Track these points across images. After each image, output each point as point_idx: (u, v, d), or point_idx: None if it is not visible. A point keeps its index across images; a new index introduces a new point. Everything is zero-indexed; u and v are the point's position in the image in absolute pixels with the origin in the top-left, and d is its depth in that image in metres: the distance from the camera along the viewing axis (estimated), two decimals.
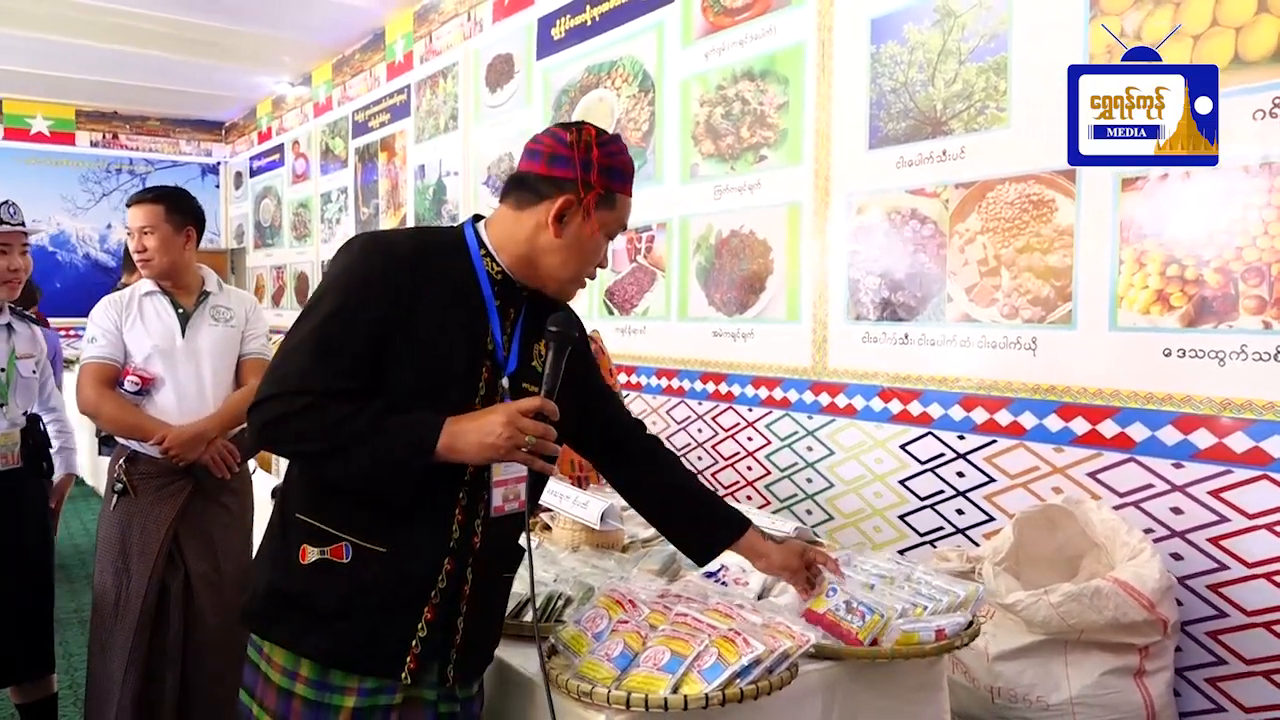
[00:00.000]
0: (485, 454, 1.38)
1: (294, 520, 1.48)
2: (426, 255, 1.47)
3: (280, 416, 1.39)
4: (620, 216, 1.53)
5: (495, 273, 1.51)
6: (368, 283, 1.43)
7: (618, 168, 1.49)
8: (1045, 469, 2.98)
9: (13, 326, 2.70)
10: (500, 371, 1.50)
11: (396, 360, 1.42)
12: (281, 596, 1.47)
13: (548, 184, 1.47)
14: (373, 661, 1.46)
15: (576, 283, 1.55)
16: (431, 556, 1.47)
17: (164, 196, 2.72)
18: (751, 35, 4.04)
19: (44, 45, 8.17)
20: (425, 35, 6.88)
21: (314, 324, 1.42)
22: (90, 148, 10.80)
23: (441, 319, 1.45)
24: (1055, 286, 2.92)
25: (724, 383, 4.24)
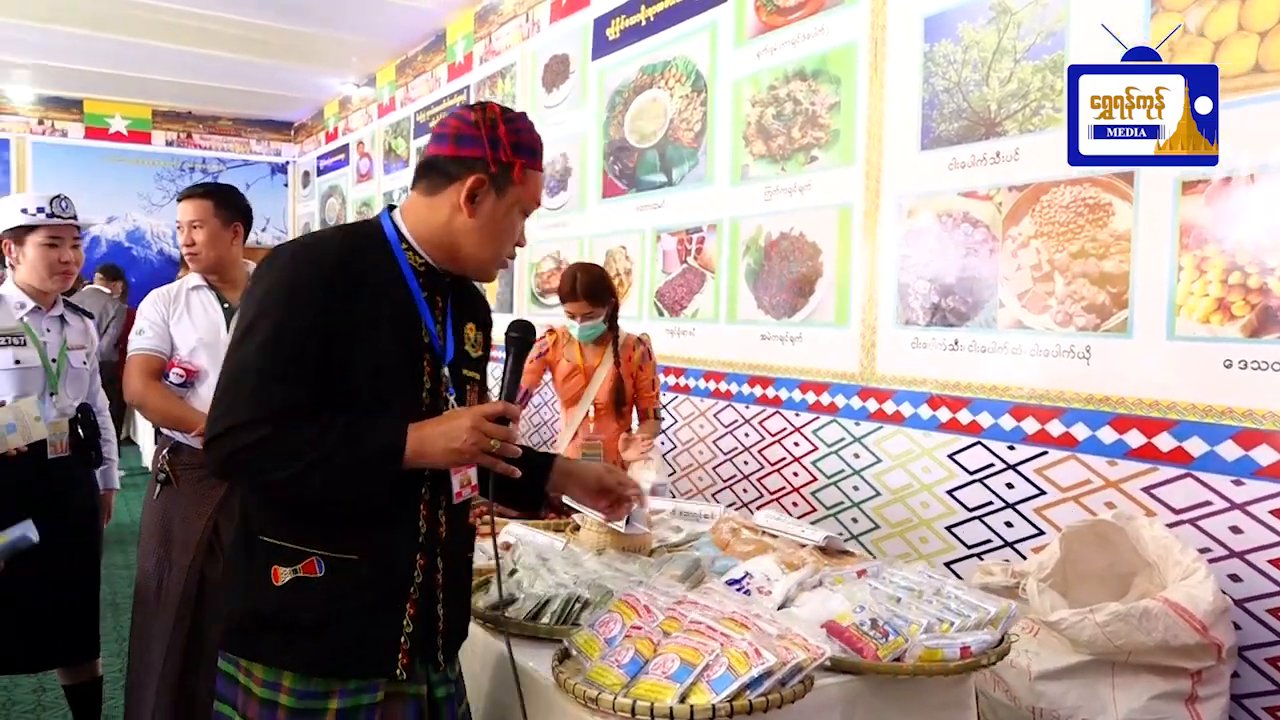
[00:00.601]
0: (451, 458, 1.41)
1: (259, 543, 1.46)
2: (353, 256, 1.45)
3: (242, 449, 1.37)
4: (532, 192, 1.52)
5: (419, 265, 1.52)
6: (301, 295, 1.40)
7: (525, 144, 1.50)
8: (1098, 482, 2.87)
9: (65, 319, 2.78)
10: (440, 362, 1.52)
11: (341, 366, 1.41)
12: (261, 619, 1.45)
13: (457, 165, 1.47)
14: (365, 665, 1.46)
15: (496, 263, 1.55)
16: (405, 555, 1.48)
17: (213, 192, 2.77)
18: (804, 35, 3.98)
19: (123, 47, 8.44)
20: (485, 36, 6.94)
21: (256, 346, 1.39)
22: (165, 146, 11.13)
23: (377, 318, 1.45)
24: (1111, 293, 2.82)
25: (772, 386, 4.19)
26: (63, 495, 2.69)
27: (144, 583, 2.67)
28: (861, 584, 1.79)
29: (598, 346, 3.37)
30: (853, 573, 1.89)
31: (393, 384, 1.46)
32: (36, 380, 2.65)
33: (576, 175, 5.70)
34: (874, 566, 1.92)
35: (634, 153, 5.13)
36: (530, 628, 1.73)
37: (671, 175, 4.82)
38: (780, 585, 1.80)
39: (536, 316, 6.12)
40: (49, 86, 10.32)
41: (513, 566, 1.95)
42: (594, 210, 5.53)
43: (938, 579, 1.86)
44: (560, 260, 5.89)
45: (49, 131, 10.58)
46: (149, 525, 2.67)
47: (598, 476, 1.76)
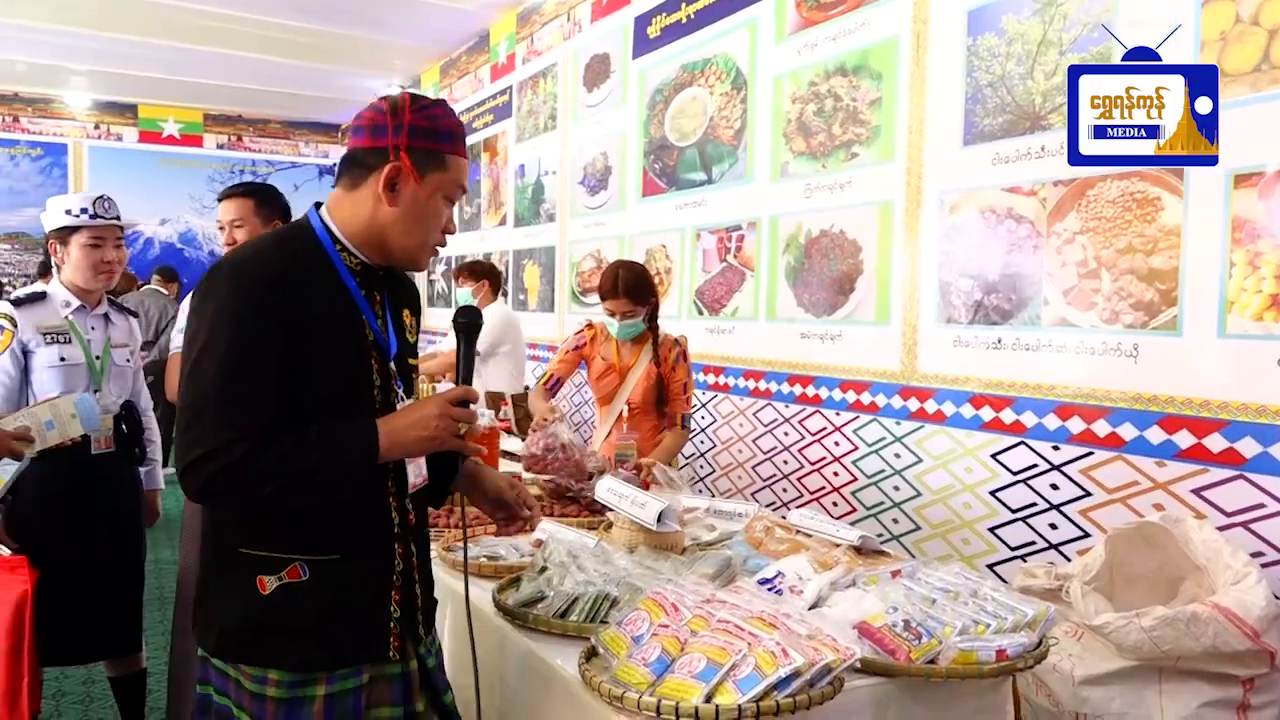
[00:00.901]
0: (425, 445, 1.48)
1: (238, 555, 1.48)
2: (293, 268, 1.47)
3: (221, 472, 1.38)
4: (455, 178, 1.53)
5: (355, 265, 1.54)
6: (252, 314, 1.41)
7: (441, 129, 1.50)
8: (1146, 484, 2.80)
9: (110, 317, 2.84)
10: (386, 358, 1.56)
11: (298, 376, 1.43)
12: (252, 629, 1.47)
13: (374, 155, 1.48)
14: (360, 655, 1.51)
15: (424, 250, 1.56)
16: (382, 547, 1.54)
17: (253, 191, 2.81)
18: (845, 30, 3.93)
19: (176, 53, 8.62)
20: (527, 37, 6.97)
21: (216, 370, 1.39)
22: (216, 149, 11.34)
23: (324, 325, 1.47)
24: (1160, 290, 2.74)
25: (811, 385, 4.15)
26: (106, 491, 2.74)
27: (185, 578, 2.71)
28: (895, 584, 1.76)
29: (635, 345, 3.36)
30: (887, 573, 1.85)
31: (348, 387, 1.50)
32: (81, 377, 2.70)
33: (616, 174, 5.70)
34: (909, 567, 1.88)
35: (674, 151, 5.12)
36: (558, 625, 1.73)
37: (711, 173, 4.80)
38: (812, 585, 1.77)
39: (577, 315, 6.14)
40: (104, 92, 10.57)
41: (542, 564, 1.94)
42: (634, 209, 5.52)
43: (974, 580, 1.82)
44: (600, 259, 5.89)
45: (104, 136, 10.84)
46: (190, 521, 2.72)
47: (498, 489, 1.79)
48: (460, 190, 1.56)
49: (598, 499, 2.26)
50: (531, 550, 2.26)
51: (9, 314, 2.64)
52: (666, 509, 2.07)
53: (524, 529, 1.85)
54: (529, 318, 6.78)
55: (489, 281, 5.04)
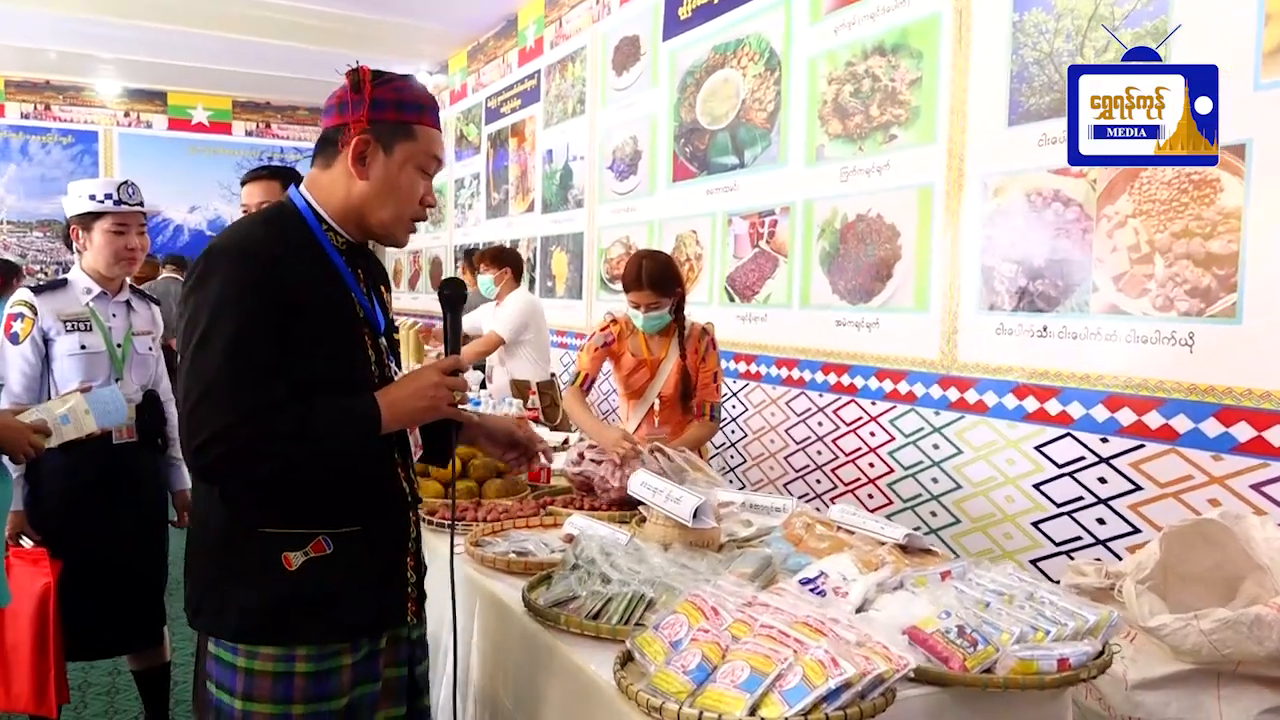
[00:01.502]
0: (424, 415, 1.53)
1: (257, 536, 1.49)
2: (283, 247, 1.48)
3: (228, 454, 1.40)
4: (426, 148, 1.54)
5: (340, 244, 1.56)
6: (252, 295, 1.43)
7: (407, 100, 1.52)
8: (1201, 478, 2.68)
9: (132, 304, 2.78)
10: (376, 333, 1.59)
11: (299, 356, 1.46)
12: (277, 607, 1.49)
13: (342, 131, 1.51)
14: (383, 622, 1.58)
15: (402, 223, 1.57)
16: (399, 515, 1.60)
17: (280, 173, 2.75)
18: (883, 8, 3.81)
19: (205, 40, 8.60)
20: (555, 20, 6.88)
21: (221, 351, 1.41)
22: (245, 136, 11.35)
23: (318, 304, 1.50)
24: (1217, 276, 2.62)
25: (846, 374, 4.04)
26: (129, 482, 2.70)
27: None
28: (946, 587, 1.67)
29: (663, 337, 3.24)
30: (936, 574, 1.76)
31: (346, 364, 1.53)
32: (102, 366, 2.65)
33: (646, 158, 5.60)
34: (959, 567, 1.79)
35: (705, 134, 5.01)
36: (591, 627, 1.65)
37: (743, 157, 4.69)
38: (858, 586, 1.68)
39: (605, 304, 6.06)
40: (134, 80, 10.60)
41: (574, 561, 1.87)
42: (664, 194, 5.42)
43: (1030, 582, 1.72)
44: (630, 245, 5.80)
45: (135, 123, 10.88)
46: None
47: (508, 430, 1.84)
48: (434, 161, 1.56)
49: (630, 493, 2.18)
50: (562, 546, 2.18)
51: (29, 301, 2.59)
52: (703, 504, 1.99)
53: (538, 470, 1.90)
54: (556, 305, 6.71)
55: (510, 268, 4.96)
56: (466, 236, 8.51)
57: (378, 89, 1.49)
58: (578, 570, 1.84)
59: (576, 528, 2.24)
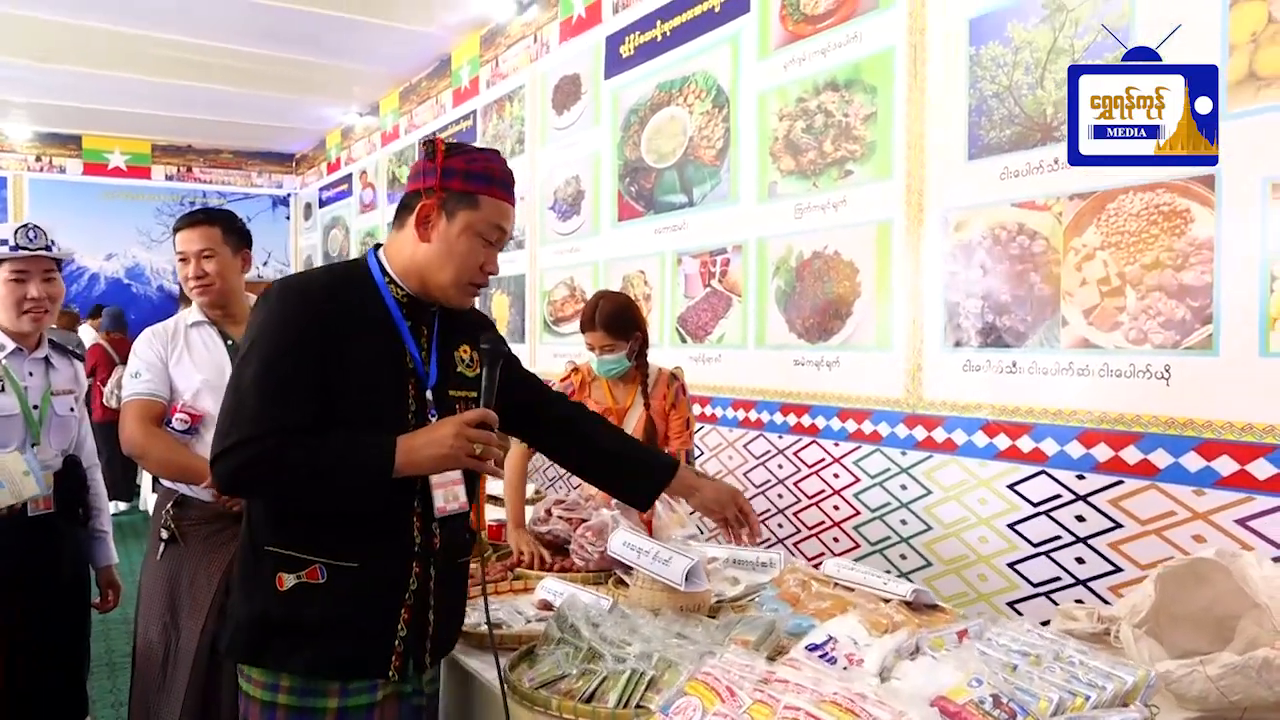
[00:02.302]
0: (440, 464, 1.51)
1: (264, 552, 1.55)
2: (338, 292, 1.57)
3: (247, 463, 1.47)
4: (489, 217, 1.59)
5: (401, 296, 1.63)
6: (292, 326, 1.52)
7: (475, 171, 1.58)
8: (1183, 514, 2.63)
9: (51, 361, 2.52)
10: (423, 386, 1.62)
11: (332, 392, 1.51)
12: (264, 625, 1.54)
13: (414, 196, 1.60)
14: (362, 668, 1.55)
15: (459, 287, 1.61)
16: (400, 563, 1.57)
17: (219, 217, 2.55)
18: (835, 43, 3.78)
19: (121, 83, 8.30)
20: (491, 59, 6.77)
21: (255, 372, 1.50)
22: (165, 181, 10.96)
23: (364, 347, 1.55)
24: (1192, 307, 2.59)
25: (807, 415, 3.95)
26: (46, 558, 2.41)
27: (146, 653, 2.40)
28: (969, 649, 1.55)
29: (628, 385, 3.08)
30: (953, 634, 1.64)
31: (380, 407, 1.56)
32: (16, 430, 2.38)
33: (590, 198, 5.49)
34: (976, 626, 1.67)
35: (651, 173, 4.92)
36: (587, 712, 1.49)
37: (692, 195, 4.61)
38: (874, 652, 1.55)
39: (549, 346, 5.91)
40: (46, 124, 10.18)
41: (558, 634, 1.70)
42: (609, 234, 5.31)
43: (1054, 639, 1.61)
44: (574, 286, 5.67)
45: (46, 168, 10.43)
46: (151, 588, 2.41)
47: (727, 501, 1.87)
48: (496, 230, 1.61)
49: (612, 554, 2.02)
50: (537, 614, 2.02)
51: None
52: (694, 566, 1.84)
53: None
54: None
55: None
56: None
57: (449, 159, 1.57)
58: (563, 645, 1.68)
59: (551, 593, 2.07)
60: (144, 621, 2.42)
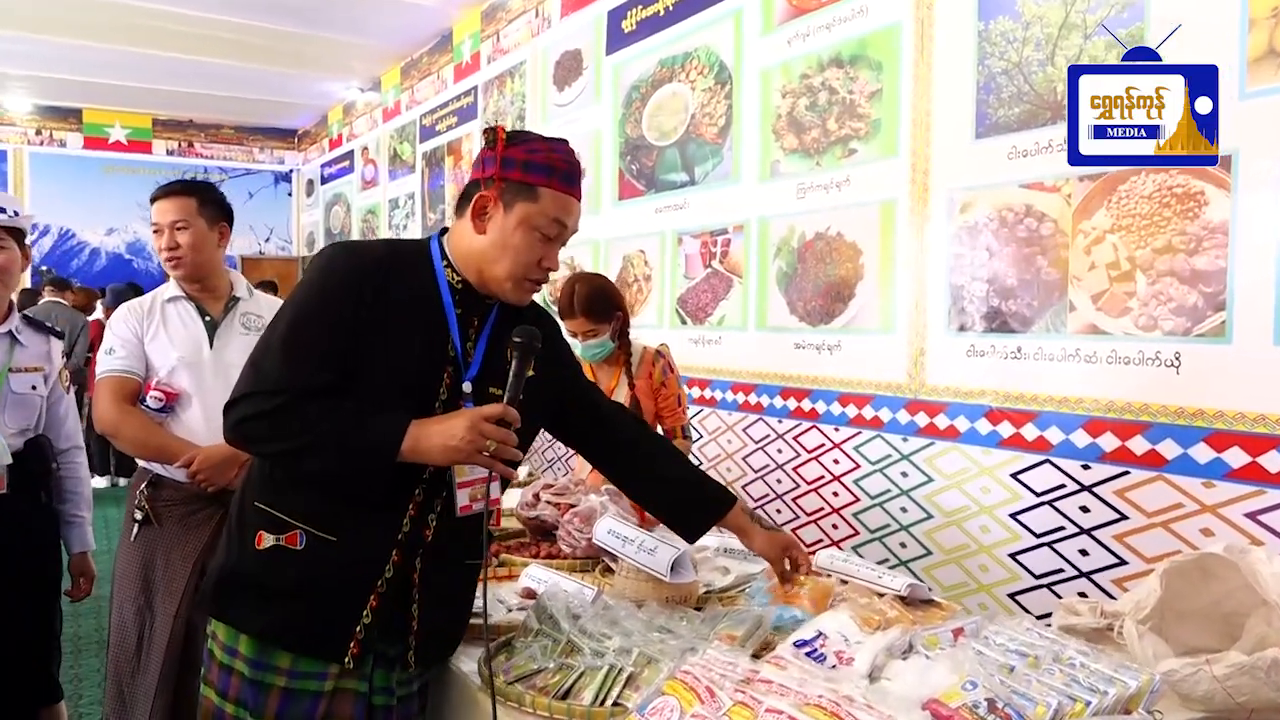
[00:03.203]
0: (448, 456, 1.43)
1: (252, 508, 1.54)
2: (393, 263, 1.53)
3: (254, 415, 1.44)
4: (547, 210, 1.51)
5: (456, 283, 1.58)
6: (336, 285, 1.49)
7: (536, 162, 1.50)
8: (1191, 506, 2.55)
9: (18, 336, 2.37)
10: (460, 375, 1.55)
11: (362, 361, 1.47)
12: (236, 579, 1.53)
13: (474, 186, 1.55)
14: (318, 644, 1.51)
15: (515, 281, 1.55)
16: (378, 548, 1.51)
17: (195, 188, 2.46)
18: (840, 18, 3.67)
19: (122, 56, 8.21)
20: (493, 34, 6.66)
21: (286, 325, 1.48)
22: (166, 156, 10.88)
23: (405, 324, 1.51)
24: (1205, 293, 2.50)
25: (807, 399, 3.87)
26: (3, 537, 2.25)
27: (121, 637, 2.33)
28: (964, 649, 1.47)
29: (611, 366, 3.01)
30: (948, 632, 1.57)
31: (410, 388, 1.51)
32: None
33: (591, 176, 5.40)
34: (972, 624, 1.60)
35: (653, 151, 4.83)
36: (562, 710, 1.42)
37: (694, 174, 4.52)
38: (864, 651, 1.48)
39: None
40: (47, 97, 10.10)
41: (536, 626, 1.64)
42: (609, 213, 5.22)
43: (1054, 639, 1.54)
44: (574, 267, 5.58)
45: (47, 142, 10.35)
46: (125, 570, 2.34)
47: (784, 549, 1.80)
48: (555, 225, 1.53)
49: (597, 542, 1.95)
50: (519, 602, 1.95)
51: None
52: (680, 556, 1.77)
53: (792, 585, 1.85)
54: None
55: None
56: None
57: (510, 148, 1.51)
58: (541, 637, 1.61)
59: (536, 580, 2.01)
60: (118, 603, 2.35)
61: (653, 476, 1.83)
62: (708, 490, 1.85)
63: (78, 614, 4.36)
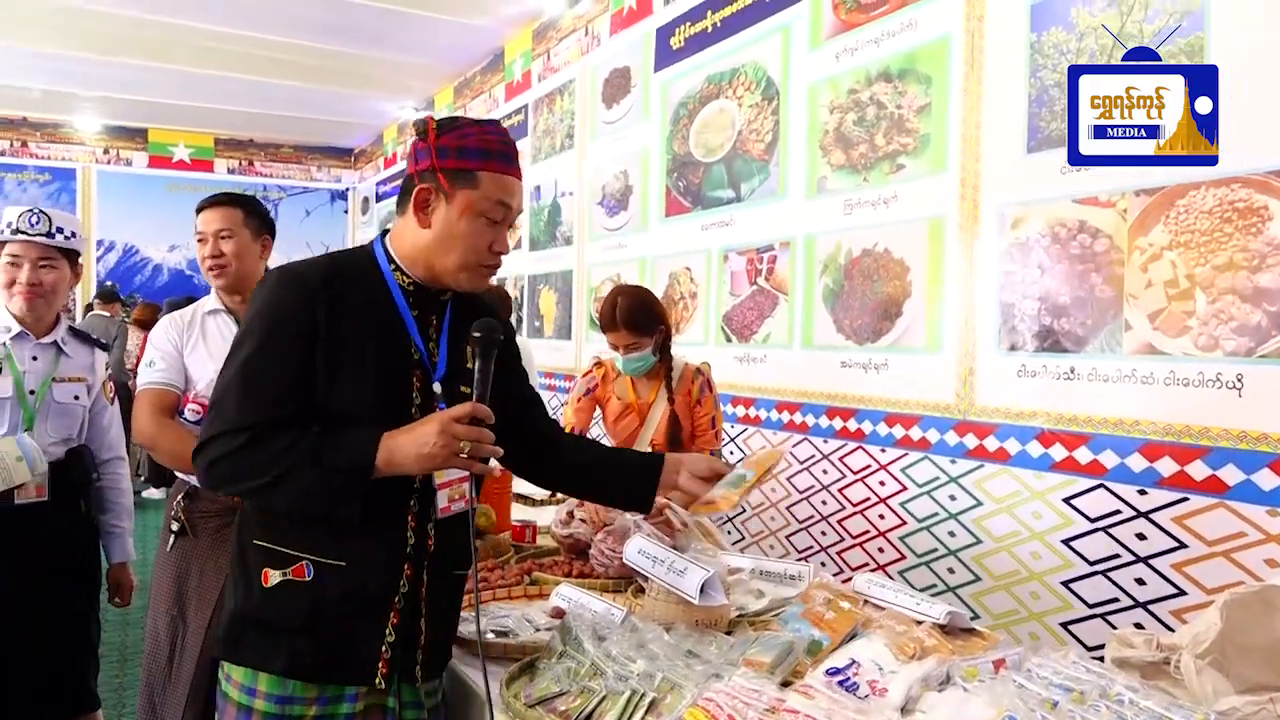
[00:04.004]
0: (423, 464, 1.40)
1: (252, 547, 1.50)
2: (336, 279, 1.49)
3: (221, 457, 1.42)
4: (489, 193, 1.48)
5: (407, 284, 1.55)
6: (283, 313, 1.45)
7: (470, 146, 1.48)
8: (1255, 535, 2.43)
9: (62, 347, 2.46)
10: (429, 378, 1.53)
11: (329, 382, 1.44)
12: (248, 621, 1.49)
13: (411, 180, 1.52)
14: (347, 670, 1.48)
15: (469, 270, 1.52)
16: (390, 565, 1.49)
17: (241, 200, 2.49)
18: (888, 32, 3.61)
19: (187, 77, 8.44)
20: (543, 53, 6.70)
21: (240, 361, 1.45)
22: (227, 174, 11.14)
23: (365, 335, 1.48)
24: (1269, 312, 2.39)
25: (853, 419, 3.79)
26: (33, 548, 2.31)
27: (155, 647, 2.35)
28: (1005, 681, 1.40)
29: (652, 380, 2.98)
30: (988, 664, 1.50)
31: (382, 398, 1.48)
32: (6, 413, 2.32)
33: (638, 193, 5.39)
34: (1014, 655, 1.53)
35: (699, 167, 4.80)
36: None
37: (740, 190, 4.48)
38: (899, 681, 1.42)
39: (595, 345, 5.81)
40: (114, 117, 10.41)
41: (561, 648, 1.60)
42: (656, 230, 5.20)
43: (1101, 673, 1.46)
44: (621, 283, 5.57)
45: (114, 160, 10.66)
46: (161, 581, 2.36)
47: (709, 465, 1.73)
48: (500, 207, 1.50)
49: (627, 562, 1.91)
50: (548, 622, 1.91)
51: None
52: (710, 578, 1.72)
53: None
54: (544, 345, 6.46)
55: None
56: None
57: (443, 136, 1.48)
58: (565, 659, 1.57)
59: (565, 600, 1.97)
60: (153, 615, 2.37)
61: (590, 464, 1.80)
62: (642, 458, 1.81)
63: (125, 623, 4.43)
